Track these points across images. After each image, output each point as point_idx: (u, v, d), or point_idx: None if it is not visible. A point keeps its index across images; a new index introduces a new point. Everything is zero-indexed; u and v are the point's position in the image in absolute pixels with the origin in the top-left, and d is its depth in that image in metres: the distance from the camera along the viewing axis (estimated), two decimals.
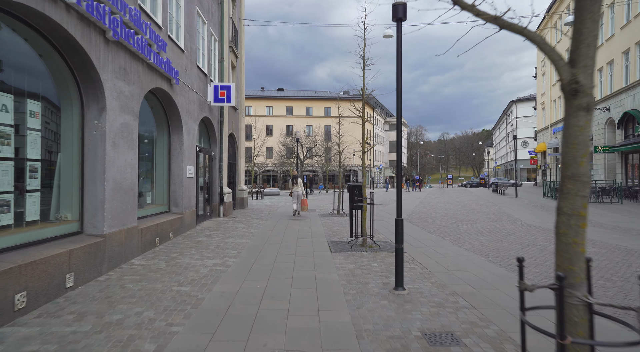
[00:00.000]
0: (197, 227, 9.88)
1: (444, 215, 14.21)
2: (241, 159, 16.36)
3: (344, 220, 12.42)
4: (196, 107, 9.92)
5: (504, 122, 66.92)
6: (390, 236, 9.20)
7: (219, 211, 12.22)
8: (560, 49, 32.20)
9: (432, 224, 11.54)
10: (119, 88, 5.67)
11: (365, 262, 6.39)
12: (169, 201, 8.72)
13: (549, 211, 15.22)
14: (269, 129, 55.04)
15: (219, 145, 12.30)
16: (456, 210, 16.13)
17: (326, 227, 10.56)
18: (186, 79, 9.08)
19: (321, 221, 12.21)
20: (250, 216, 13.52)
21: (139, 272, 5.45)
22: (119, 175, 5.66)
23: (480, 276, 5.57)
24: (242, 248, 7.43)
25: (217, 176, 12.25)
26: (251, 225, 10.84)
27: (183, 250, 7.08)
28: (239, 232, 9.43)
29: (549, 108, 35.84)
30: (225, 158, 13.04)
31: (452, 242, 8.45)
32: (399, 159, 5.00)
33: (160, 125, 8.54)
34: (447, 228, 10.70)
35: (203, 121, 11.47)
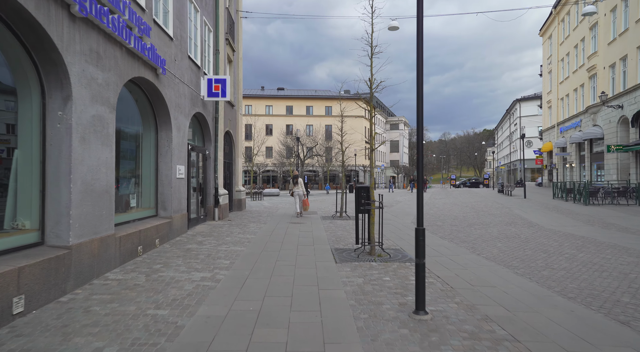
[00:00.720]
0: (189, 232, 9.07)
1: (453, 218, 13.40)
2: (238, 158, 15.55)
3: (347, 224, 11.61)
4: (187, 102, 9.12)
5: (507, 121, 66.05)
6: (400, 242, 8.38)
7: (214, 214, 11.42)
8: (567, 46, 31.40)
9: (443, 229, 10.72)
10: (90, 74, 4.87)
11: (376, 276, 5.58)
12: (156, 204, 7.92)
13: (563, 213, 14.40)
14: (269, 129, 54.25)
15: (213, 143, 11.49)
16: (465, 212, 15.31)
17: (329, 232, 9.76)
18: (175, 70, 8.28)
19: (323, 224, 11.41)
20: (248, 218, 12.72)
21: (112, 290, 4.64)
22: (89, 175, 4.86)
23: (511, 294, 4.76)
24: (235, 257, 6.62)
25: (212, 176, 11.44)
26: (248, 229, 10.03)
27: (169, 260, 6.27)
28: (234, 237, 8.62)
29: (555, 106, 34.99)
30: (221, 157, 12.24)
31: (468, 250, 7.64)
32: (419, 159, 4.19)
33: (146, 121, 7.74)
34: (460, 233, 9.88)
35: (196, 117, 10.67)
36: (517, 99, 56.71)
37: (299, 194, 13.40)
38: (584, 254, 7.17)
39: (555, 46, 34.80)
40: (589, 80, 26.33)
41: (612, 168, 22.35)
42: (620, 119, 21.25)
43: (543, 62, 40.21)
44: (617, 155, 21.66)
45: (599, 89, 24.19)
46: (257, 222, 11.57)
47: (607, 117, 22.92)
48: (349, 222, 12.01)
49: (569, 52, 31.04)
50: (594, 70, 25.29)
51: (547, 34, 37.82)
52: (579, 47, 28.76)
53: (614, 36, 22.42)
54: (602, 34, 23.99)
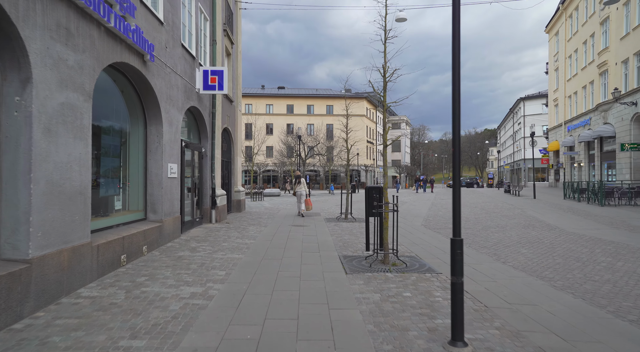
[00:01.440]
0: (182, 237, 8.30)
1: (465, 220, 12.61)
2: (237, 157, 14.79)
3: (353, 227, 10.84)
4: (181, 94, 8.35)
5: (511, 120, 65.23)
6: (414, 248, 7.60)
7: (211, 216, 10.65)
8: (576, 43, 30.59)
9: None
10: (57, 54, 4.11)
11: (394, 291, 4.81)
12: (145, 206, 7.16)
13: (580, 214, 13.63)
14: (269, 128, 53.50)
15: (210, 140, 10.72)
16: (476, 214, 14.53)
17: (335, 236, 8.99)
18: (167, 58, 7.51)
19: (328, 227, 10.64)
20: (247, 221, 11.95)
21: (82, 312, 3.88)
22: (57, 174, 4.10)
23: (559, 315, 3.99)
24: (232, 267, 5.86)
25: (209, 175, 10.68)
26: (247, 233, 9.26)
27: (156, 271, 5.50)
28: (231, 243, 7.85)
29: (562, 105, 34.19)
30: (219, 155, 11.47)
31: (491, 257, 6.87)
32: (456, 158, 3.42)
33: (133, 114, 6.97)
34: (477, 237, 9.11)
35: (191, 112, 9.90)
36: (521, 97, 55.89)
37: (302, 193, 13.50)
38: (622, 262, 6.40)
39: (562, 43, 34.00)
40: (599, 76, 25.53)
41: (625, 167, 21.56)
42: (634, 116, 20.45)
43: (549, 60, 39.40)
44: (630, 154, 20.88)
45: (610, 85, 23.41)
46: (257, 225, 10.80)
47: (620, 115, 22.13)
48: (355, 225, 11.24)
49: (577, 48, 30.24)
50: (604, 67, 24.50)
51: (553, 30, 37.02)
52: (588, 43, 27.97)
53: (627, 31, 21.62)
54: (614, 29, 23.19)
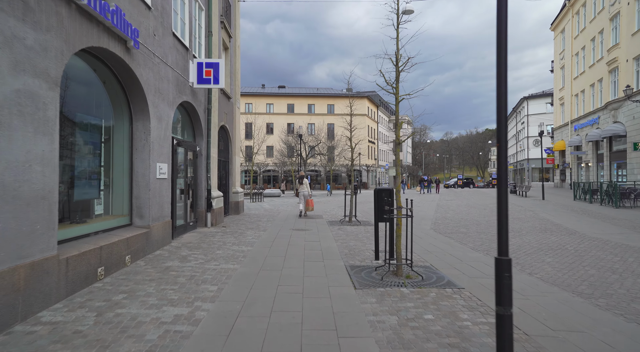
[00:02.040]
0: (173, 244, 7.60)
1: (475, 223, 11.91)
2: (236, 156, 14.10)
3: (359, 231, 10.14)
4: (172, 88, 7.66)
5: (514, 120, 64.49)
6: (427, 256, 6.89)
7: (206, 220, 9.95)
8: (583, 40, 29.86)
9: (470, 236, 9.25)
10: (10, 30, 3.41)
11: (413, 312, 4.10)
12: (130, 210, 6.46)
13: (596, 217, 12.92)
14: (270, 128, 52.83)
15: (205, 138, 10.03)
16: (486, 216, 13.82)
17: (340, 242, 8.29)
18: (155, 46, 6.82)
19: (331, 231, 9.94)
20: (245, 224, 11.25)
21: (34, 345, 3.17)
22: (10, 175, 3.40)
23: (618, 347, 3.29)
24: (226, 280, 5.16)
25: (204, 176, 9.98)
26: (244, 238, 8.56)
27: (137, 286, 4.81)
28: (226, 250, 7.15)
29: (569, 103, 33.46)
30: (215, 155, 10.78)
31: (514, 267, 6.16)
32: (502, 155, 2.73)
33: (118, 108, 6.28)
34: (493, 242, 8.40)
35: (184, 108, 9.21)
36: (525, 96, 55.17)
37: (304, 194, 13.35)
38: None
39: (569, 40, 33.27)
40: (608, 74, 24.81)
41: (637, 167, 20.83)
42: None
43: (554, 58, 38.67)
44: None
45: (621, 83, 22.68)
46: (255, 229, 10.10)
47: (631, 113, 21.41)
48: (360, 229, 10.54)
49: (585, 45, 29.51)
50: (614, 64, 23.77)
51: (559, 28, 36.29)
52: (596, 39, 27.24)
53: (639, 27, 20.91)
54: (625, 25, 22.46)
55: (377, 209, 6.32)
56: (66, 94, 4.90)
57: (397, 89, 5.69)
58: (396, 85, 5.68)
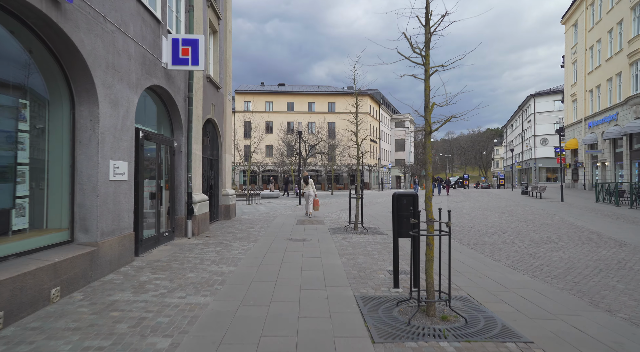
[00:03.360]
0: (136, 263, 6.04)
1: (500, 230, 10.35)
2: (226, 154, 12.55)
3: (367, 241, 8.58)
4: (135, 66, 6.11)
5: (520, 118, 62.86)
6: (458, 279, 5.30)
7: (186, 229, 8.41)
8: (599, 32, 28.24)
9: (500, 249, 7.69)
10: None
11: None
12: (71, 222, 4.91)
13: (636, 223, 11.35)
14: (269, 126, 51.31)
15: (185, 132, 8.48)
16: (509, 222, 12.25)
17: (346, 258, 6.72)
18: (106, 8, 5.26)
19: (334, 242, 8.39)
20: (234, 232, 9.69)
21: None
22: None
23: None
24: (187, 326, 3.61)
25: (184, 177, 8.43)
26: (228, 253, 7.01)
27: (48, 342, 3.24)
28: (201, 273, 5.60)
29: (582, 100, 31.83)
30: (198, 152, 9.23)
31: (582, 299, 4.60)
32: None
33: (53, 88, 4.74)
34: (533, 258, 6.84)
35: (157, 94, 7.66)
36: (532, 94, 53.57)
37: (310, 194, 13.51)
38: None
39: (582, 33, 31.65)
40: (629, 67, 23.19)
41: None
42: None
43: (565, 53, 37.02)
44: None
45: None
46: (244, 239, 8.54)
47: None
48: (369, 238, 8.98)
49: (601, 38, 27.89)
50: (636, 56, 22.17)
51: (571, 21, 34.66)
52: (614, 31, 25.62)
53: None
54: None
55: (397, 221, 4.77)
56: None
57: (427, 57, 4.12)
58: (426, 52, 4.11)
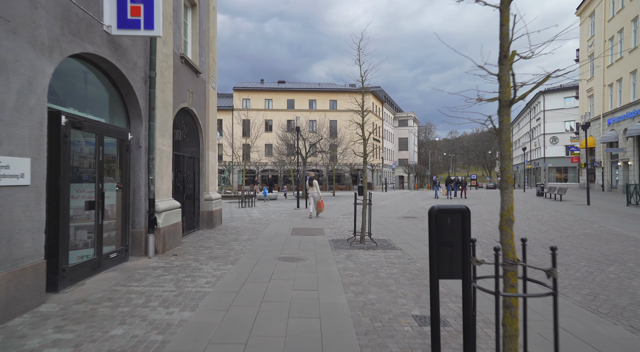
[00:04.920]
0: (42, 309, 4.15)
1: (537, 242, 8.45)
2: (209, 151, 10.68)
3: (378, 262, 6.69)
4: (49, 20, 4.25)
5: (527, 116, 60.85)
6: None
7: (146, 246, 6.55)
8: (621, 21, 26.27)
9: (559, 275, 5.80)
10: None
11: None
12: None
13: None
14: (269, 125, 49.50)
15: (145, 122, 6.63)
16: (539, 229, 10.33)
17: (352, 293, 4.84)
18: None
19: (336, 262, 6.51)
20: (212, 247, 7.83)
21: None
22: None
23: None
24: None
25: (144, 179, 6.58)
26: (192, 283, 5.15)
27: None
28: (135, 326, 3.72)
29: (600, 95, 29.86)
30: (167, 148, 7.38)
31: None
32: None
33: None
34: (602, 288, 4.94)
35: (100, 69, 5.79)
36: (541, 91, 51.51)
37: (314, 195, 13.44)
38: None
39: (600, 24, 29.68)
40: None
41: None
42: None
43: (580, 46, 35.03)
44: None
45: None
46: (221, 259, 6.67)
47: None
48: (380, 257, 7.10)
49: (623, 27, 25.92)
50: None
51: (587, 11, 32.68)
52: (639, 20, 23.68)
53: None
54: None
55: (437, 252, 2.88)
56: None
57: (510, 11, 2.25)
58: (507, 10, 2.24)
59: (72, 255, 4.99)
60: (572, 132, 44.31)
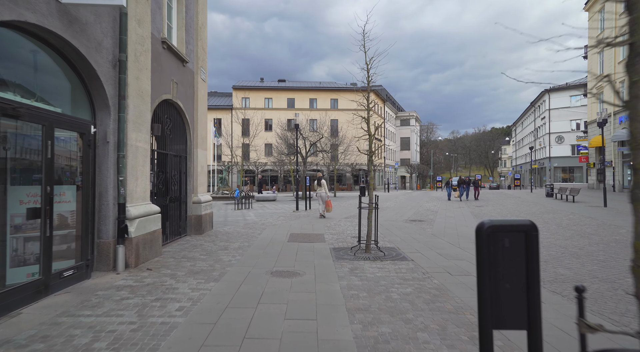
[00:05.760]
0: None
1: (565, 252, 7.42)
2: (197, 149, 9.68)
3: (388, 278, 5.68)
4: None
5: (532, 115, 59.73)
6: None
7: (115, 259, 5.56)
8: None
9: (599, 294, 4.78)
10: None
11: None
12: None
13: None
14: (269, 124, 48.50)
15: (114, 114, 5.63)
16: (563, 236, 9.30)
17: (360, 323, 3.83)
18: None
19: (339, 278, 5.51)
20: (196, 258, 6.84)
21: None
22: None
23: None
24: None
25: (111, 180, 5.59)
26: (160, 311, 4.15)
27: None
28: None
29: (611, 91, 28.76)
30: (143, 144, 6.38)
31: None
32: None
33: None
34: None
35: (55, 48, 4.79)
36: (546, 89, 50.43)
37: (322, 195, 13.55)
38: None
39: (612, 17, 28.60)
40: None
41: None
42: None
43: (589, 42, 33.96)
44: None
45: None
46: (203, 275, 5.67)
47: None
48: (389, 269, 6.09)
49: None
50: None
51: (597, 5, 31.62)
52: None
53: None
54: None
55: (493, 289, 1.88)
56: None
57: None
58: None
59: (11, 275, 4.00)
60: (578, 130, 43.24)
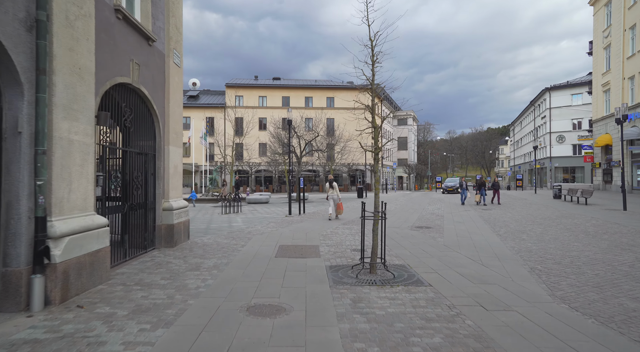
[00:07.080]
0: None
1: (611, 268, 5.99)
2: (170, 146, 8.15)
3: (403, 314, 4.19)
4: None
5: (531, 114, 58.62)
6: None
7: (28, 294, 4.04)
8: None
9: None
10: None
11: None
12: None
13: None
14: (263, 123, 46.94)
15: (28, 94, 4.11)
16: (598, 248, 7.85)
17: None
18: None
19: (338, 319, 4.02)
20: (152, 285, 5.32)
21: None
22: None
23: None
24: None
25: (25, 185, 4.07)
26: None
27: None
28: None
29: (618, 89, 27.54)
30: (79, 137, 4.87)
31: None
32: None
33: None
34: None
35: None
36: (547, 87, 49.39)
37: (334, 198, 13.38)
38: None
39: (619, 12, 27.38)
40: None
41: None
42: None
43: (595, 37, 32.73)
44: None
45: None
46: (151, 314, 4.15)
47: None
48: (403, 302, 4.60)
49: None
50: None
51: (602, 0, 30.39)
52: None
53: None
54: None
55: None
56: None
57: None
58: None
59: None
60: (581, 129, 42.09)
